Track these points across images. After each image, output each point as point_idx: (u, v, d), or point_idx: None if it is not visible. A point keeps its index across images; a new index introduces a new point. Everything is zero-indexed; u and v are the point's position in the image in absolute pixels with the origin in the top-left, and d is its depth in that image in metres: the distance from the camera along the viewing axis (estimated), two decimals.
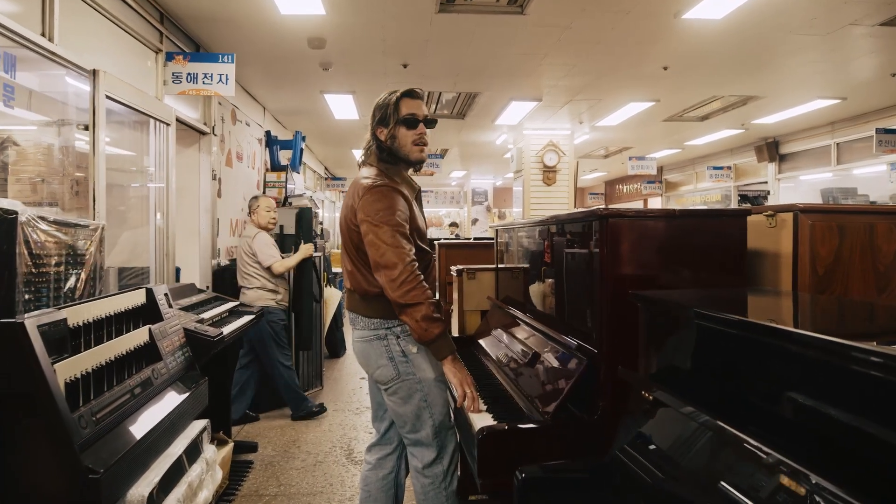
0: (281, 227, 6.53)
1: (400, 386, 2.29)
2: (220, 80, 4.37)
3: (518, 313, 2.65)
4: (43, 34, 3.03)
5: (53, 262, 2.48)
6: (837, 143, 9.26)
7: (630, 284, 1.79)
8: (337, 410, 5.39)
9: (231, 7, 4.38)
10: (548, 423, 1.83)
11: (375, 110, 2.35)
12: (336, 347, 7.73)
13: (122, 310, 2.58)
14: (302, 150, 8.26)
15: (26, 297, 2.26)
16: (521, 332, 2.55)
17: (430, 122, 2.35)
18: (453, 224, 14.67)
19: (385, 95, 2.35)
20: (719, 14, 4.54)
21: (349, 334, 7.66)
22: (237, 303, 4.33)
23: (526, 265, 2.66)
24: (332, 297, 7.22)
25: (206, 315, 3.67)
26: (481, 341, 3.11)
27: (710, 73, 6.45)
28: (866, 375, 0.88)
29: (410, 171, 2.43)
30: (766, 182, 11.10)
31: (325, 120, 8.67)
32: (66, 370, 1.97)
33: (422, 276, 2.13)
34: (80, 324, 2.22)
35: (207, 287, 5.22)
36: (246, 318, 4.01)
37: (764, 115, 8.60)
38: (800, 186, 10.64)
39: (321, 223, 7.56)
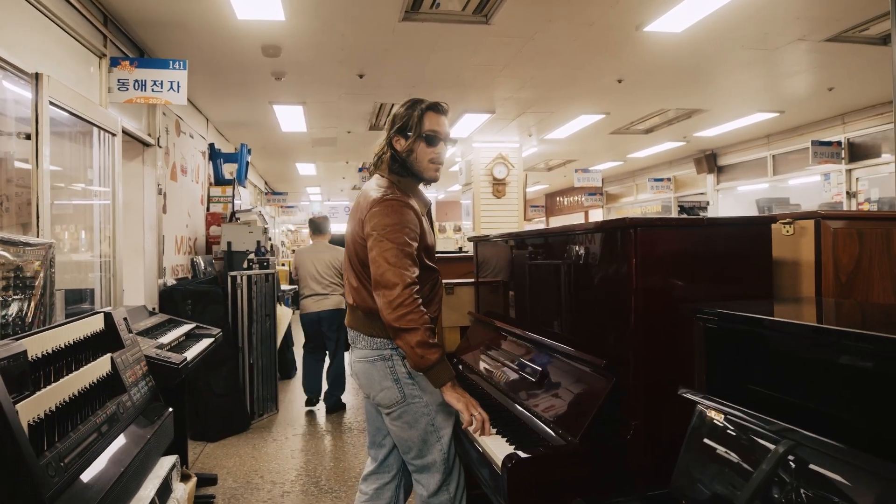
0: (229, 243, 6.24)
1: (405, 409, 2.14)
2: (172, 87, 4.10)
3: (514, 329, 2.53)
4: None
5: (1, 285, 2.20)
6: (773, 155, 9.67)
7: (662, 297, 1.71)
8: (296, 435, 5.12)
9: (182, 11, 4.12)
10: (575, 445, 1.71)
11: (396, 118, 2.18)
12: (287, 368, 7.41)
13: (82, 337, 2.31)
14: (248, 163, 7.97)
15: None
16: (520, 350, 2.43)
17: (451, 142, 2.22)
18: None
19: (408, 104, 2.19)
20: (680, 27, 4.61)
21: (298, 354, 7.27)
22: (193, 325, 4.03)
23: (523, 278, 2.55)
24: (283, 315, 6.92)
25: (165, 340, 3.40)
26: (466, 359, 2.98)
27: (661, 87, 6.58)
28: None
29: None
30: (704, 193, 11.49)
31: (270, 132, 8.38)
32: (29, 410, 1.71)
33: (420, 301, 1.99)
34: (39, 355, 1.95)
35: (154, 309, 4.88)
36: (205, 342, 3.73)
37: (705, 128, 8.88)
38: (737, 197, 11.06)
39: (270, 239, 7.26)
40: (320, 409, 5.88)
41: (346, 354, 5.45)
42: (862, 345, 1.02)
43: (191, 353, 3.32)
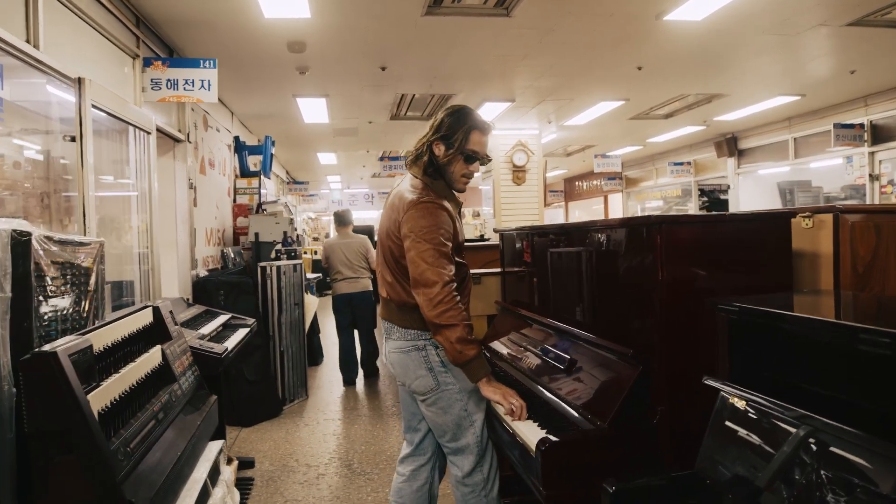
0: (256, 234, 6.40)
1: (440, 396, 2.26)
2: (203, 85, 4.23)
3: (541, 318, 2.64)
4: (28, 41, 2.86)
5: (60, 283, 2.35)
6: (795, 138, 9.61)
7: (686, 290, 1.80)
8: (327, 420, 5.29)
9: (212, 11, 4.24)
10: (605, 430, 1.82)
11: (442, 124, 2.25)
12: (315, 355, 7.59)
13: (135, 330, 2.47)
14: (272, 155, 8.11)
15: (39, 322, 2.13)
16: (547, 338, 2.54)
17: (486, 162, 2.32)
18: None
19: (458, 115, 2.25)
20: (700, 15, 4.64)
21: (324, 341, 7.65)
22: (229, 315, 4.20)
23: (549, 270, 2.65)
24: (310, 303, 7.09)
25: (205, 331, 3.56)
26: (493, 346, 3.09)
27: (680, 73, 6.59)
28: None
29: None
30: (725, 176, 11.44)
31: (293, 124, 8.51)
32: (98, 400, 1.86)
33: (458, 297, 2.11)
34: (101, 349, 2.10)
35: (188, 299, 5.06)
36: (242, 332, 3.90)
37: (726, 112, 8.85)
38: (758, 180, 11.01)
39: (296, 229, 7.42)
40: (351, 392, 6.07)
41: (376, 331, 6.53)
42: (875, 338, 1.11)
43: (230, 343, 3.47)
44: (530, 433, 1.97)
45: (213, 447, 2.75)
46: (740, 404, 1.34)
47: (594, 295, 2.26)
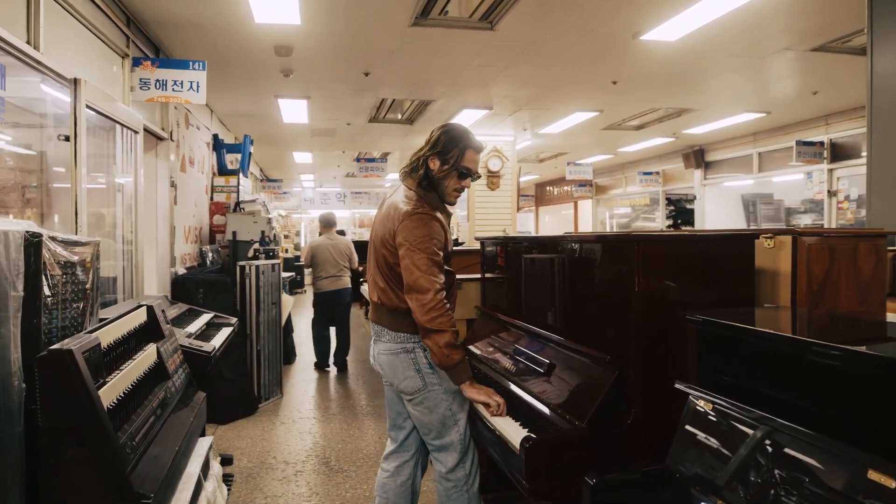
0: (234, 233, 6.44)
1: (426, 396, 2.40)
2: (192, 87, 4.29)
3: (522, 324, 2.79)
4: (28, 42, 2.91)
5: (62, 282, 2.42)
6: (759, 153, 9.99)
7: (659, 302, 1.98)
8: (303, 418, 5.37)
9: (203, 13, 4.31)
10: (583, 429, 1.98)
11: (438, 141, 2.38)
12: (288, 354, 7.65)
13: (132, 329, 2.55)
14: (250, 153, 8.14)
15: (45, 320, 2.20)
16: (529, 344, 2.70)
17: (476, 178, 2.47)
18: None
19: (453, 134, 2.39)
20: (674, 36, 4.87)
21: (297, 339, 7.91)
22: (212, 314, 4.27)
23: (530, 278, 2.81)
24: (285, 302, 7.15)
25: (191, 329, 3.63)
26: (473, 349, 3.23)
27: (653, 88, 6.85)
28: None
29: None
30: (692, 187, 11.82)
31: (271, 123, 8.55)
32: (107, 395, 1.95)
33: (448, 305, 2.26)
34: (106, 347, 2.19)
35: (167, 297, 5.09)
36: (226, 331, 3.98)
37: (694, 125, 9.17)
38: (723, 192, 11.39)
39: (273, 228, 7.47)
40: (324, 392, 6.15)
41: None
42: (826, 351, 1.29)
43: (216, 342, 3.56)
44: (513, 431, 2.12)
45: (204, 443, 2.85)
46: (707, 406, 1.51)
47: (574, 304, 2.43)
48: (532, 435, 1.98)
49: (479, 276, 3.68)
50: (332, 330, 7.16)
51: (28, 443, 1.87)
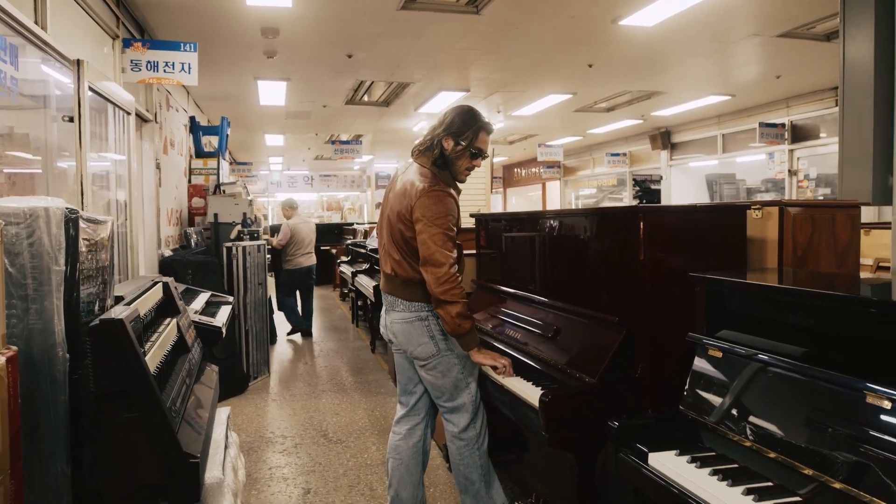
0: (216, 215, 6.47)
1: (440, 361, 2.56)
2: (183, 68, 4.32)
3: (526, 294, 2.97)
4: (36, 22, 2.94)
5: (88, 258, 2.49)
6: (723, 134, 10.37)
7: (662, 268, 2.17)
8: (293, 395, 5.49)
9: None
10: (594, 384, 2.17)
11: (452, 123, 2.51)
12: (272, 334, 7.73)
13: (154, 304, 2.65)
14: (227, 136, 8.11)
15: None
16: (533, 312, 2.87)
17: (485, 157, 2.63)
18: None
19: (467, 116, 2.52)
20: (652, 22, 5.07)
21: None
22: (209, 293, 4.34)
23: (539, 251, 2.98)
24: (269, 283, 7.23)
25: (196, 306, 3.71)
26: (478, 318, 3.40)
27: (627, 71, 7.07)
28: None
29: None
30: (658, 168, 12.17)
31: (247, 105, 8.53)
32: (150, 363, 2.06)
33: (460, 278, 2.42)
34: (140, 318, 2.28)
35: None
36: (226, 308, 4.07)
37: (662, 107, 9.46)
38: (688, 172, 11.78)
39: (254, 211, 7.51)
40: (310, 369, 6.27)
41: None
42: (811, 298, 1.51)
43: (222, 318, 3.65)
44: (529, 391, 2.30)
45: (223, 413, 2.96)
46: (715, 353, 1.71)
47: (580, 273, 2.61)
48: (549, 392, 2.16)
49: (472, 252, 3.85)
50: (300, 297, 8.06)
51: (72, 412, 1.97)
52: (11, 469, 1.49)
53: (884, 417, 1.30)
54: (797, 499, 1.41)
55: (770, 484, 1.48)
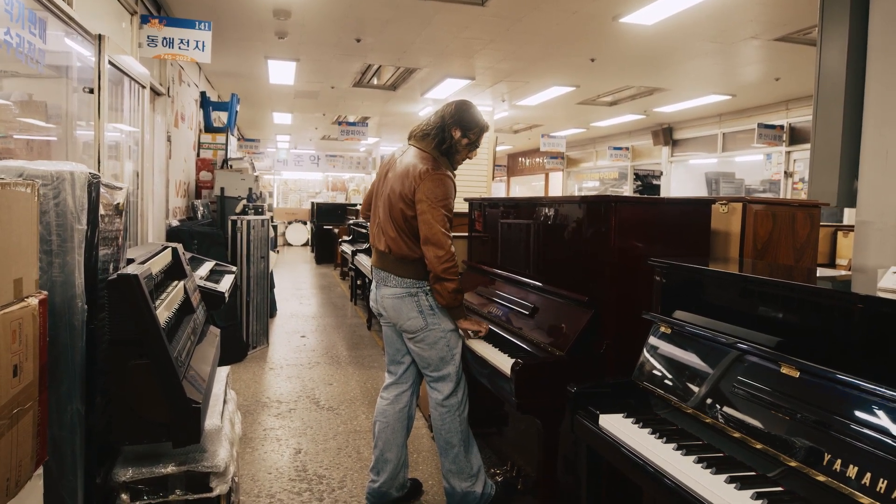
0: (222, 189, 6.68)
1: (428, 334, 2.78)
2: (197, 46, 4.50)
3: (509, 275, 3.18)
4: None
5: (107, 221, 2.70)
6: (724, 133, 10.52)
7: (630, 254, 2.38)
8: (290, 365, 5.71)
9: None
10: (563, 357, 2.39)
11: (462, 118, 2.74)
12: (271, 307, 7.96)
13: (164, 267, 2.86)
14: (237, 112, 8.30)
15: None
16: (514, 291, 3.08)
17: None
18: None
19: (476, 112, 2.79)
20: (651, 21, 5.23)
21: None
22: (213, 262, 4.55)
23: (523, 235, 3.19)
24: (271, 258, 7.46)
25: (201, 273, 3.92)
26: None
27: (628, 67, 7.23)
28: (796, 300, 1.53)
29: None
30: (659, 163, 12.32)
31: (257, 83, 8.70)
32: (160, 317, 2.27)
33: (456, 257, 2.65)
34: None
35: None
36: (229, 277, 4.28)
37: (665, 104, 9.61)
38: (688, 169, 11.93)
39: (261, 186, 7.71)
40: (307, 342, 6.50)
41: None
42: (747, 284, 1.71)
43: (225, 285, 3.87)
44: (504, 361, 2.52)
45: (223, 371, 3.19)
46: (666, 329, 1.92)
47: (556, 255, 2.82)
48: (519, 361, 2.37)
49: (464, 234, 4.05)
50: None
51: (87, 358, 2.18)
52: (39, 397, 1.70)
53: (794, 386, 1.51)
54: (720, 454, 1.62)
55: (700, 443, 1.69)
